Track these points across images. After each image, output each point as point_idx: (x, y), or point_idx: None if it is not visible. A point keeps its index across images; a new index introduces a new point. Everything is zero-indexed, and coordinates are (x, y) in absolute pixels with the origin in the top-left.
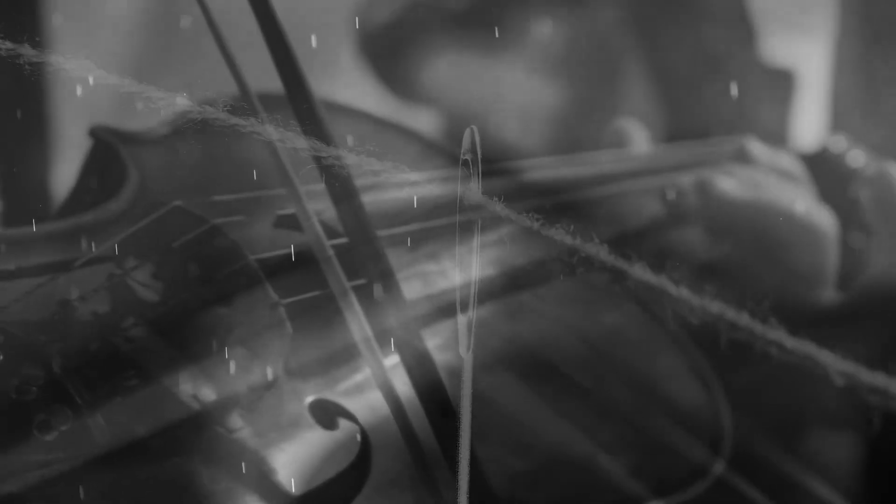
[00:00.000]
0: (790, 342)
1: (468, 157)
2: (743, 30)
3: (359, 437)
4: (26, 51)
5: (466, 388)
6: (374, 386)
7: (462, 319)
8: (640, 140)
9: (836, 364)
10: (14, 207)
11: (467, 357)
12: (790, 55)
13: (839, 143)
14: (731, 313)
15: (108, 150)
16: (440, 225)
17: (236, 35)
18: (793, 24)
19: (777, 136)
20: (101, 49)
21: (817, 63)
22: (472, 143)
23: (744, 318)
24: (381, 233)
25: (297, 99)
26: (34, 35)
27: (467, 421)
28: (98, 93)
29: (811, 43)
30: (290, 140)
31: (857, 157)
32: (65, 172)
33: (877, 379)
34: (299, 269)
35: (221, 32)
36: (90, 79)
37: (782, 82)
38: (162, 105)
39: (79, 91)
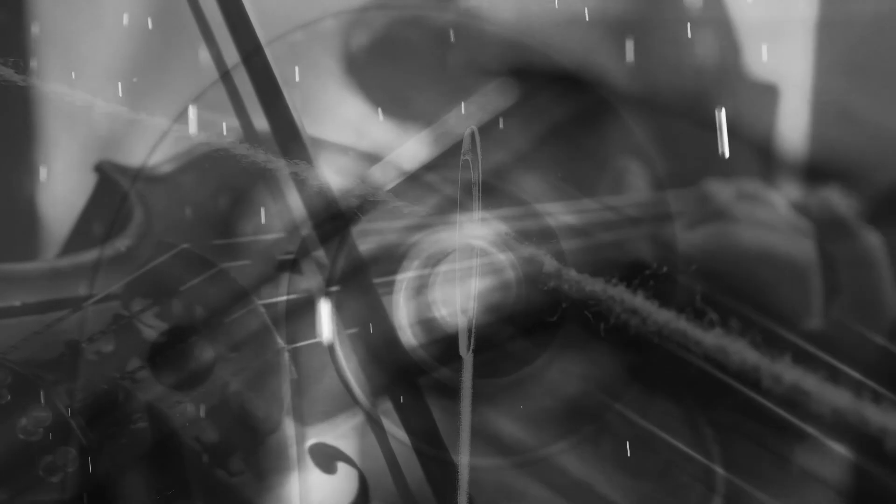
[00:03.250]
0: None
1: (468, 157)
2: (729, 45)
3: (357, 481)
4: (9, 73)
5: (466, 387)
6: (371, 431)
7: (462, 321)
8: (640, 182)
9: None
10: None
11: (467, 357)
12: (773, 67)
13: (833, 197)
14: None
15: (114, 187)
16: (441, 272)
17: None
18: (774, 34)
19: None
20: (94, 67)
21: (798, 72)
22: (473, 143)
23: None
24: (380, 280)
25: (282, 130)
26: (20, 56)
27: (467, 421)
28: (89, 117)
29: (792, 52)
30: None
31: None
32: (53, 200)
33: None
34: (303, 314)
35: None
36: (82, 103)
37: (768, 97)
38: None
39: (69, 115)
